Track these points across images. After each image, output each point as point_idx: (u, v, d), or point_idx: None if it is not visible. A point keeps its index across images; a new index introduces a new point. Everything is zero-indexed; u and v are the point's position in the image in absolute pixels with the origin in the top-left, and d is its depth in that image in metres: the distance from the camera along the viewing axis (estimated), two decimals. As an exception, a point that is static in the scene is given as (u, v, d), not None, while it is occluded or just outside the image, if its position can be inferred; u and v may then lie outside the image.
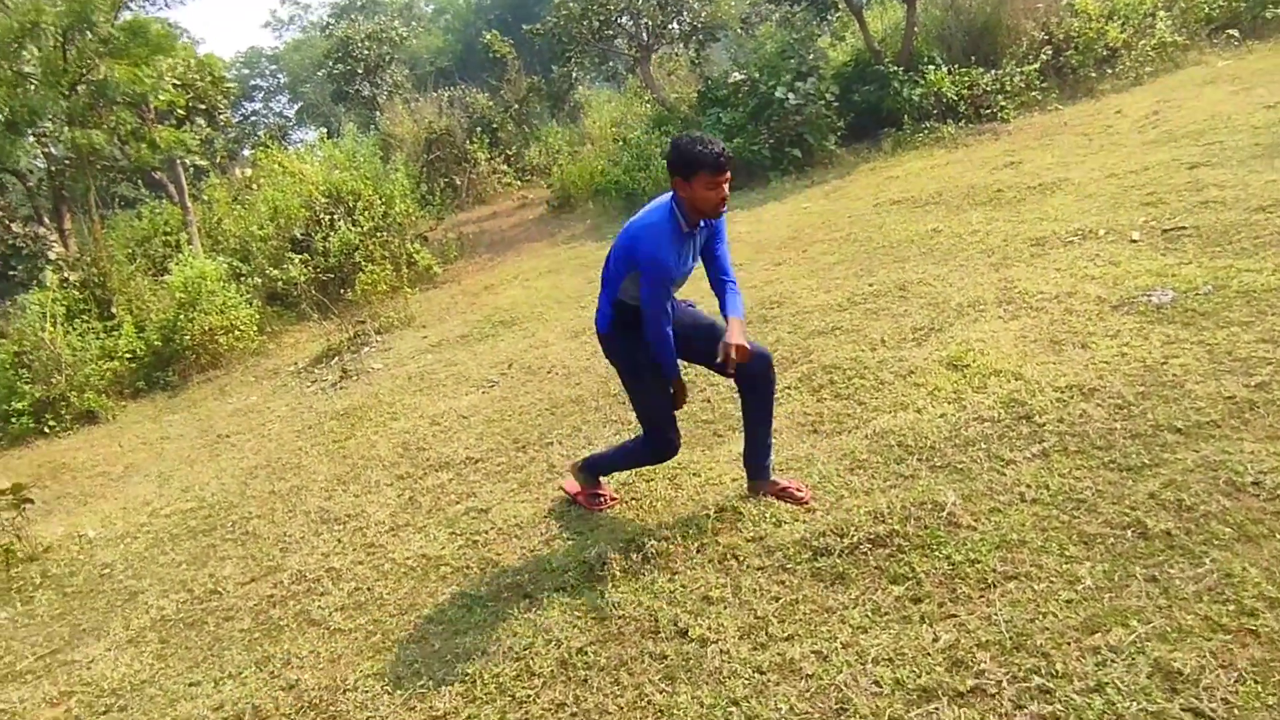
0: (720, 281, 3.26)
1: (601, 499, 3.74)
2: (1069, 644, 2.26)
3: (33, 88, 10.38)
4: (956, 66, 11.66)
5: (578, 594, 3.13)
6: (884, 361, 4.36)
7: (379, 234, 11.29)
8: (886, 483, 3.29)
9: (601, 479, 3.79)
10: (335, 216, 11.45)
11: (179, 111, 13.86)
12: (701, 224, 3.09)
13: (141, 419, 8.38)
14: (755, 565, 2.99)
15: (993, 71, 11.49)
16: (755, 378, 3.23)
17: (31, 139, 11.76)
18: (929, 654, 2.36)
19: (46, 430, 8.40)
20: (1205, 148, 6.79)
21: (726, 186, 2.94)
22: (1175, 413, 3.19)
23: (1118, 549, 2.56)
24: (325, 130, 18.43)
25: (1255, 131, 6.82)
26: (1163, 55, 11.33)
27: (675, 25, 16.10)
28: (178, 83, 12.91)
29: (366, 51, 22.00)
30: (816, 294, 5.94)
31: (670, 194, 3.04)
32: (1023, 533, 2.75)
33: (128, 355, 9.37)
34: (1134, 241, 5.20)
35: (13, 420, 8.48)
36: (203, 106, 15.40)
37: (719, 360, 3.01)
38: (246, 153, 22.34)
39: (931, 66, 11.55)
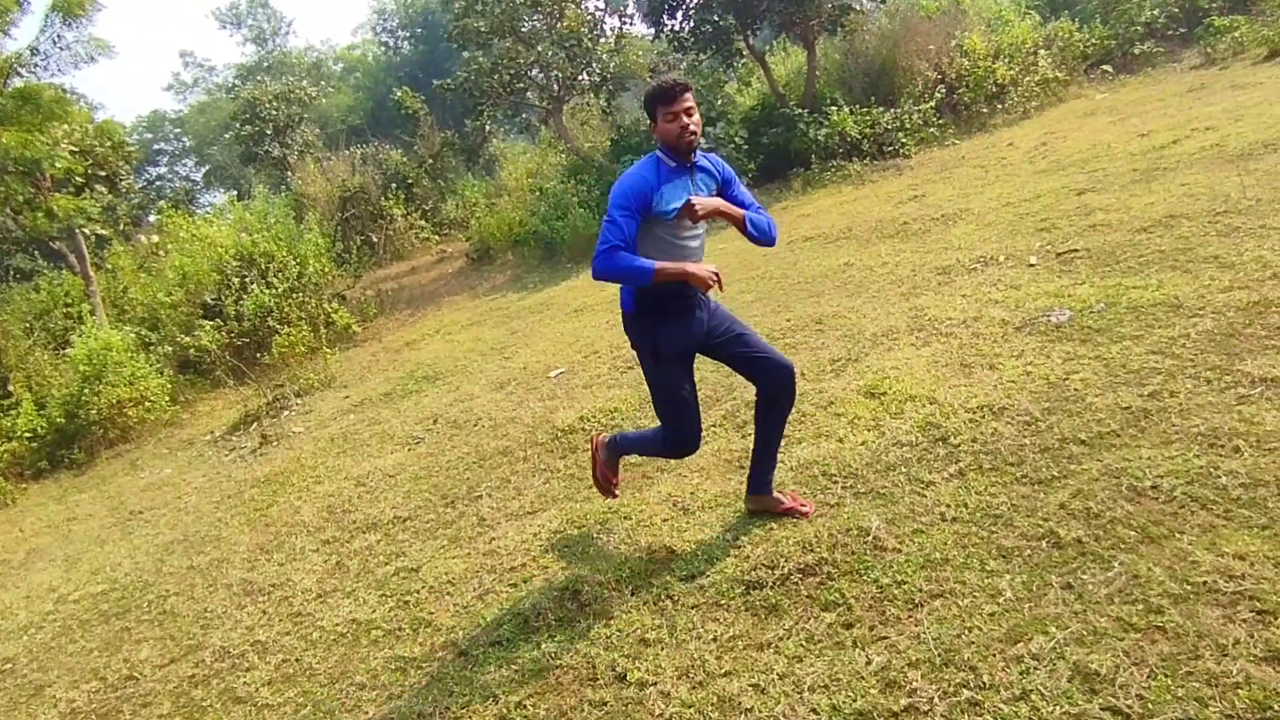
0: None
1: (614, 484, 3.64)
2: (994, 655, 2.32)
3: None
4: (858, 107, 12.18)
5: (513, 647, 3.08)
6: (804, 394, 4.45)
7: (294, 295, 11.08)
8: (813, 512, 3.35)
9: (619, 461, 3.67)
10: (248, 279, 11.21)
11: (77, 179, 13.44)
12: (698, 163, 3.11)
13: (45, 500, 7.96)
14: (689, 604, 3.00)
15: (892, 110, 12.04)
16: (780, 390, 3.23)
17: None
18: (863, 677, 2.40)
19: (-60, 520, 7.90)
20: (1090, 175, 7.22)
21: (686, 116, 2.98)
22: (1079, 425, 3.34)
23: (1034, 560, 2.66)
24: (235, 192, 18.05)
25: (1133, 158, 7.29)
26: (1046, 90, 12.06)
27: (585, 76, 16.37)
28: (75, 149, 12.54)
29: (275, 112, 21.71)
30: (737, 331, 6.04)
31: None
32: (945, 551, 2.83)
33: (27, 435, 8.93)
34: (1032, 266, 5.47)
35: (-99, 511, 7.95)
36: (103, 173, 14.97)
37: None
38: (152, 219, 21.74)
39: (834, 108, 12.03)
